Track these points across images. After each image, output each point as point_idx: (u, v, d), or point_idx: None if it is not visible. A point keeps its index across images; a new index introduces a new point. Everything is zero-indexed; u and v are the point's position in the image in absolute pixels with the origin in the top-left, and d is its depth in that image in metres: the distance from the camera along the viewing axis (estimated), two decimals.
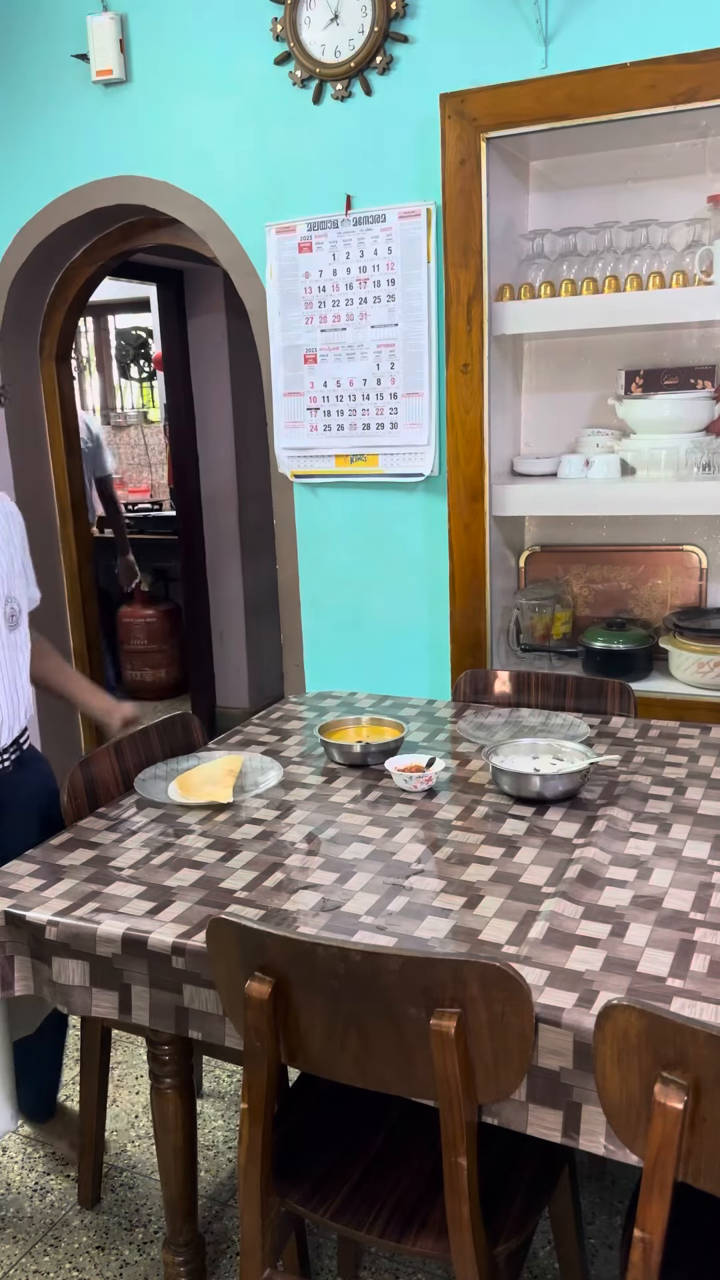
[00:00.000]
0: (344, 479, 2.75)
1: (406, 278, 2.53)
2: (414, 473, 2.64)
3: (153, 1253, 1.88)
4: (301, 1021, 1.23)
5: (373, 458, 2.68)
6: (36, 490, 3.40)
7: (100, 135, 2.87)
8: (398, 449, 2.65)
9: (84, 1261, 1.87)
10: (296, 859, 1.55)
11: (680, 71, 2.06)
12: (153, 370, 6.62)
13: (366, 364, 2.63)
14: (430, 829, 1.64)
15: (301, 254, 2.65)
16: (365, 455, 2.69)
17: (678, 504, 2.37)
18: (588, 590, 2.72)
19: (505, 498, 2.49)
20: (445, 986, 1.12)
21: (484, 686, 2.38)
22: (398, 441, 2.64)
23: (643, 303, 2.28)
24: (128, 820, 1.74)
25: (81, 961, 1.40)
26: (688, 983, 1.19)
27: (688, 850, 1.53)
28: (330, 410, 2.71)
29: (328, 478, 2.77)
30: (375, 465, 2.68)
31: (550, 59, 2.31)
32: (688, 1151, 1.04)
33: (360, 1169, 1.39)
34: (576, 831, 1.60)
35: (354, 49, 2.49)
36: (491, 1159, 1.38)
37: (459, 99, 2.26)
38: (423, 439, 2.60)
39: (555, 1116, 1.15)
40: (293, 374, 2.74)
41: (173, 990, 1.36)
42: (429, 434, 2.59)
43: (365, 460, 2.69)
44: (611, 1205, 1.94)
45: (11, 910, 1.45)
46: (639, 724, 2.12)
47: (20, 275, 3.09)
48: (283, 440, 2.79)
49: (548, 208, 2.54)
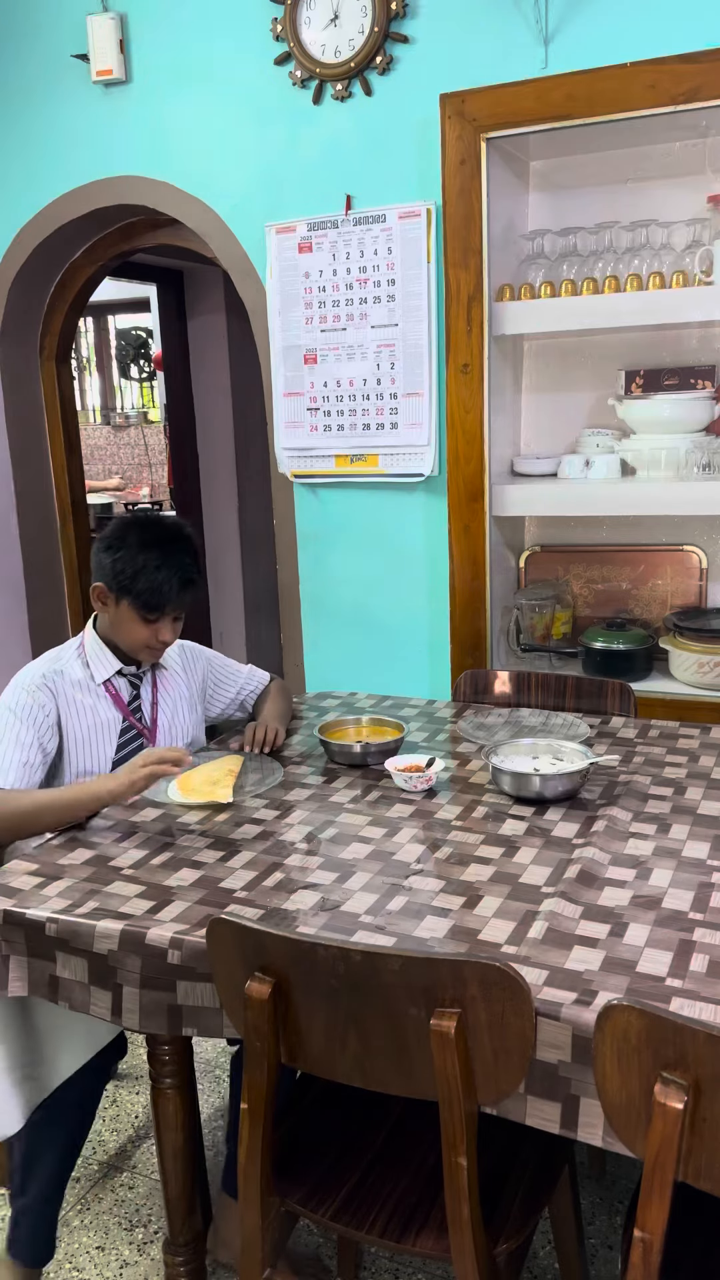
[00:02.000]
0: (344, 479, 2.75)
1: (406, 277, 2.53)
2: (414, 473, 2.64)
3: (153, 1253, 1.88)
4: (301, 1021, 1.23)
5: (373, 458, 2.68)
6: (37, 490, 3.40)
7: (100, 135, 2.87)
8: (398, 449, 2.65)
9: (84, 1261, 1.87)
10: (296, 859, 1.55)
11: (680, 71, 2.06)
12: (153, 370, 6.62)
13: (366, 364, 2.63)
14: (430, 829, 1.64)
15: (301, 254, 2.65)
16: (365, 455, 2.69)
17: (678, 504, 2.37)
18: (588, 590, 2.72)
19: (505, 498, 2.49)
20: (445, 986, 1.12)
21: (484, 686, 2.38)
22: (398, 442, 2.64)
23: (643, 303, 2.28)
24: (128, 820, 1.74)
25: (81, 959, 1.40)
26: (687, 982, 1.19)
27: (687, 850, 1.53)
28: (330, 410, 2.71)
29: (328, 478, 2.77)
30: (375, 465, 2.68)
31: (550, 59, 2.31)
32: (688, 1151, 1.04)
33: (360, 1169, 1.39)
34: (576, 831, 1.60)
35: (354, 49, 2.49)
36: (491, 1159, 1.38)
37: (459, 99, 2.26)
38: (423, 439, 2.60)
39: (554, 1109, 1.15)
40: (293, 374, 2.74)
41: (166, 989, 1.36)
42: (429, 434, 2.59)
43: (365, 460, 2.69)
44: (611, 1205, 1.94)
45: (11, 909, 1.45)
46: (639, 724, 2.12)
47: (20, 275, 3.09)
48: (283, 440, 2.79)
49: (548, 208, 2.54)
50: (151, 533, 1.89)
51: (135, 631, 1.90)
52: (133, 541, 1.86)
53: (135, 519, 1.94)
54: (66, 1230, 1.94)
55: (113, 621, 1.92)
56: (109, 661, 1.95)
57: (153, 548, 1.86)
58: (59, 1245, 1.90)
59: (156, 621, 1.90)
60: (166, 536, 1.89)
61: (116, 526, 1.92)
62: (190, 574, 1.89)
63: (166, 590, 1.86)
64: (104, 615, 1.94)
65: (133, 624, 1.89)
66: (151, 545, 1.86)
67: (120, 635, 1.92)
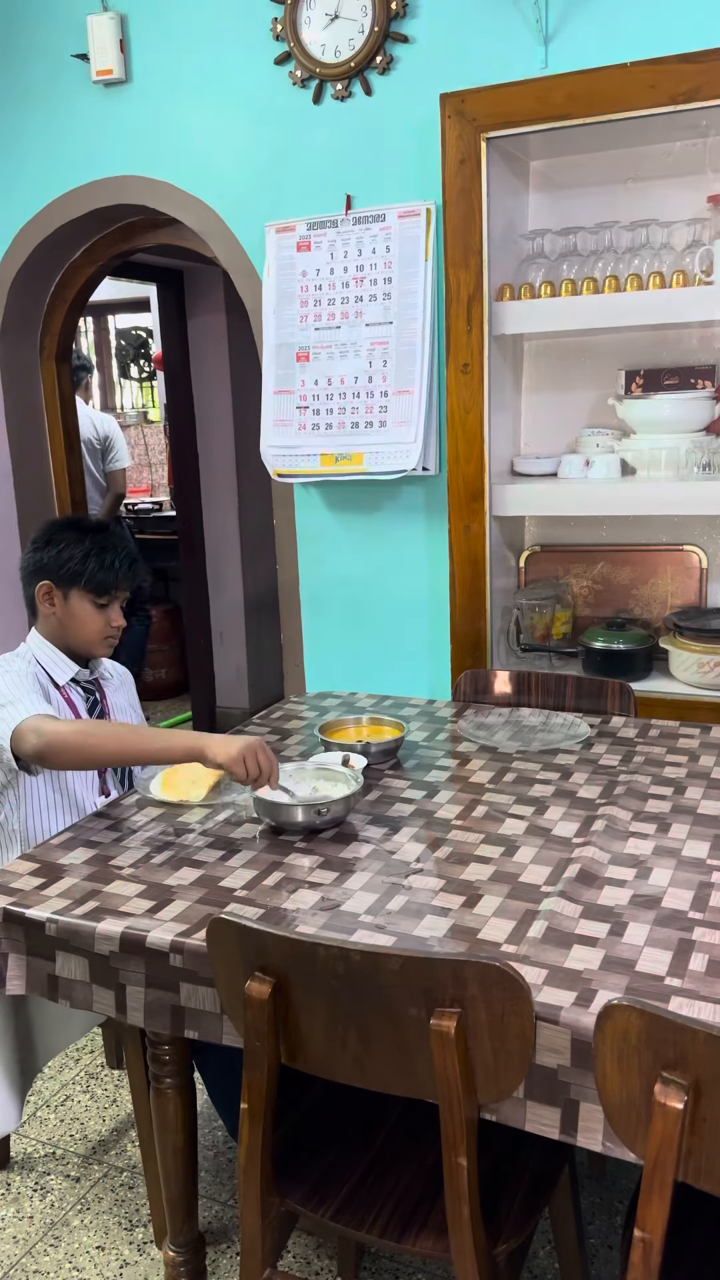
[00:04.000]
0: (345, 479, 2.75)
1: (403, 276, 2.53)
2: (397, 469, 2.58)
3: (153, 1253, 1.88)
4: (301, 1021, 1.23)
5: (358, 456, 2.64)
6: (37, 490, 3.40)
7: (100, 135, 2.87)
8: (383, 446, 2.60)
9: (84, 1261, 1.87)
10: (296, 858, 1.55)
11: (680, 71, 2.06)
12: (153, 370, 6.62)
13: (359, 361, 2.62)
14: (430, 828, 1.64)
15: (300, 253, 2.65)
16: (350, 454, 2.66)
17: (678, 504, 2.37)
18: (588, 590, 2.72)
19: (505, 498, 2.49)
20: (445, 986, 1.12)
21: (484, 686, 2.38)
22: (385, 439, 2.59)
23: (643, 303, 2.28)
24: (128, 819, 1.74)
25: (81, 958, 1.40)
26: (686, 982, 1.19)
27: (687, 850, 1.53)
28: (319, 409, 2.68)
29: (314, 477, 2.74)
30: (360, 464, 2.64)
31: (550, 59, 2.31)
32: (688, 1151, 1.04)
33: (360, 1169, 1.39)
34: (576, 831, 1.60)
35: (354, 49, 2.49)
36: (491, 1159, 1.38)
37: (459, 99, 2.26)
38: (410, 436, 2.56)
39: (553, 1114, 1.15)
40: (284, 372, 2.72)
41: (170, 989, 1.36)
42: (416, 431, 2.56)
43: (350, 459, 2.66)
44: (611, 1205, 1.94)
45: (11, 908, 1.45)
46: (639, 724, 2.12)
47: (20, 275, 3.09)
48: (269, 439, 2.77)
49: (548, 208, 2.54)
50: (84, 525, 1.95)
51: (89, 622, 1.93)
52: (69, 535, 1.92)
53: (61, 519, 2.02)
54: (67, 1230, 1.94)
55: (62, 619, 1.94)
56: (65, 664, 1.96)
57: (90, 534, 1.92)
58: (59, 1245, 1.90)
59: (108, 606, 1.93)
60: (97, 526, 1.96)
61: (45, 527, 1.97)
62: (134, 552, 1.95)
63: (117, 568, 1.90)
64: (49, 618, 1.95)
65: (85, 614, 1.92)
66: (88, 532, 1.92)
67: (72, 632, 1.94)
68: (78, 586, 1.90)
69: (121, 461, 4.61)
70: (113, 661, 2.15)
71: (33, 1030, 1.73)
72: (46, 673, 1.94)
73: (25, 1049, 1.71)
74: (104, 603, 1.92)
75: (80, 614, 1.92)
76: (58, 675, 1.95)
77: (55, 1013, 1.76)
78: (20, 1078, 1.69)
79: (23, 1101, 1.69)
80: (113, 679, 2.11)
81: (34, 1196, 2.03)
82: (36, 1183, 2.07)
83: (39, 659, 1.95)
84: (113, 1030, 2.35)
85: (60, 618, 1.93)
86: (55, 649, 1.96)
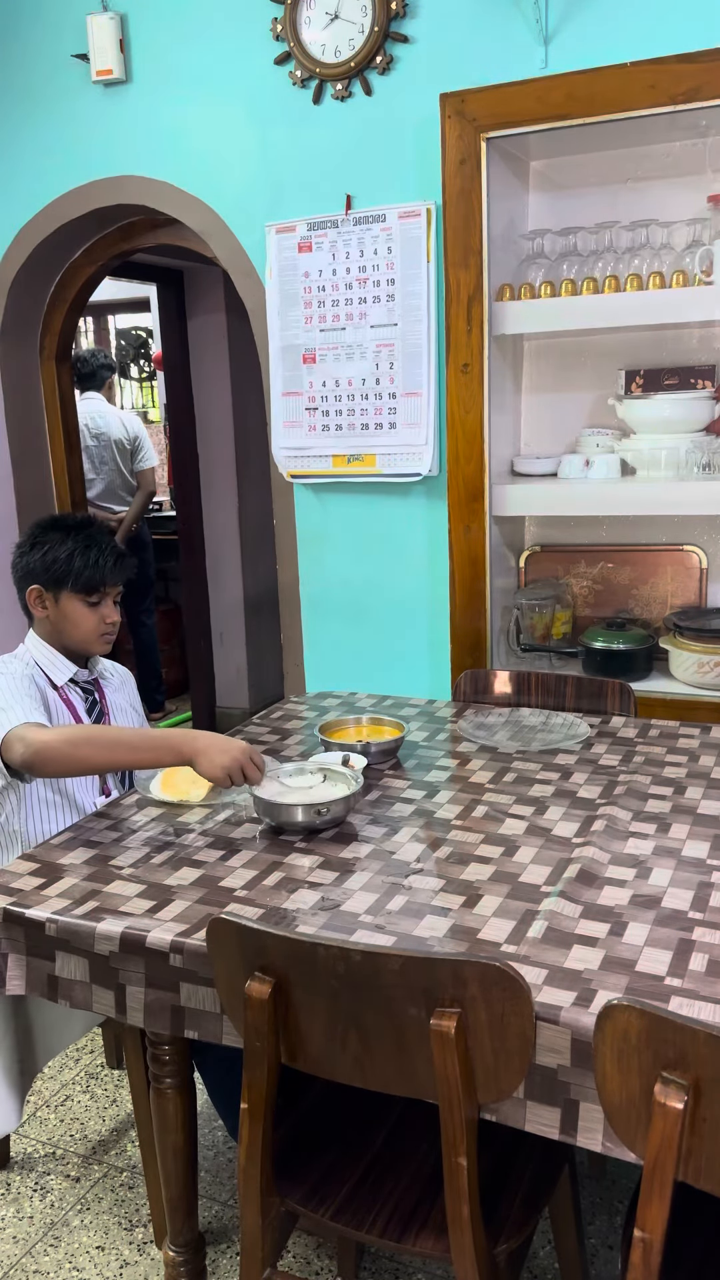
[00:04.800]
0: (344, 479, 2.75)
1: (406, 277, 2.53)
2: (412, 472, 2.63)
3: (153, 1253, 1.88)
4: (301, 1021, 1.23)
5: (370, 458, 2.68)
6: (37, 490, 3.40)
7: (100, 135, 2.87)
8: (396, 449, 2.64)
9: (84, 1261, 1.87)
10: (296, 858, 1.55)
11: (680, 71, 2.06)
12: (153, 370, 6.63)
13: (365, 364, 2.63)
14: (430, 828, 1.64)
15: (301, 254, 2.65)
16: (363, 455, 2.69)
17: (678, 504, 2.37)
18: (588, 590, 2.72)
19: (505, 498, 2.49)
20: (445, 986, 1.12)
21: (484, 686, 2.38)
22: (396, 441, 2.64)
23: (643, 303, 2.28)
24: (128, 819, 1.74)
25: (81, 958, 1.40)
26: (686, 982, 1.19)
27: (687, 850, 1.53)
28: (329, 410, 2.70)
29: (326, 478, 2.77)
30: (373, 465, 2.68)
31: (550, 59, 2.31)
32: (688, 1151, 1.04)
33: (360, 1169, 1.39)
34: (576, 831, 1.60)
35: (354, 49, 2.49)
36: (491, 1159, 1.38)
37: (459, 99, 2.26)
38: (421, 439, 2.60)
39: (553, 1114, 1.15)
40: (291, 374, 2.73)
41: (169, 989, 1.36)
42: (427, 434, 2.59)
43: (363, 460, 2.69)
44: (611, 1205, 1.94)
45: (11, 908, 1.45)
46: (639, 724, 2.12)
47: (20, 275, 3.09)
48: (280, 440, 2.79)
49: (548, 208, 2.54)
50: (66, 524, 1.95)
51: (82, 621, 1.93)
52: (53, 536, 1.92)
53: (45, 519, 2.00)
54: (67, 1230, 1.94)
55: (55, 621, 1.94)
56: (63, 665, 1.96)
57: (73, 533, 1.92)
58: (59, 1245, 1.90)
59: (100, 604, 1.94)
60: (80, 524, 1.96)
61: (30, 530, 1.97)
62: (118, 549, 1.95)
63: (103, 565, 1.91)
64: (43, 622, 1.96)
65: (78, 614, 1.92)
66: (71, 531, 1.92)
67: (67, 632, 1.94)
68: (66, 588, 1.90)
69: (150, 460, 4.67)
70: (112, 661, 2.15)
71: (33, 1030, 1.73)
72: (45, 674, 1.94)
73: (25, 1049, 1.71)
74: (95, 600, 1.93)
75: (73, 614, 1.92)
76: (56, 676, 1.95)
77: (55, 1013, 1.76)
78: (20, 1078, 1.69)
79: (23, 1101, 1.69)
80: (113, 679, 2.11)
81: (34, 1196, 2.03)
82: (36, 1183, 2.07)
83: (37, 660, 1.95)
84: (113, 1030, 2.35)
85: (54, 620, 1.94)
86: (53, 650, 1.96)
